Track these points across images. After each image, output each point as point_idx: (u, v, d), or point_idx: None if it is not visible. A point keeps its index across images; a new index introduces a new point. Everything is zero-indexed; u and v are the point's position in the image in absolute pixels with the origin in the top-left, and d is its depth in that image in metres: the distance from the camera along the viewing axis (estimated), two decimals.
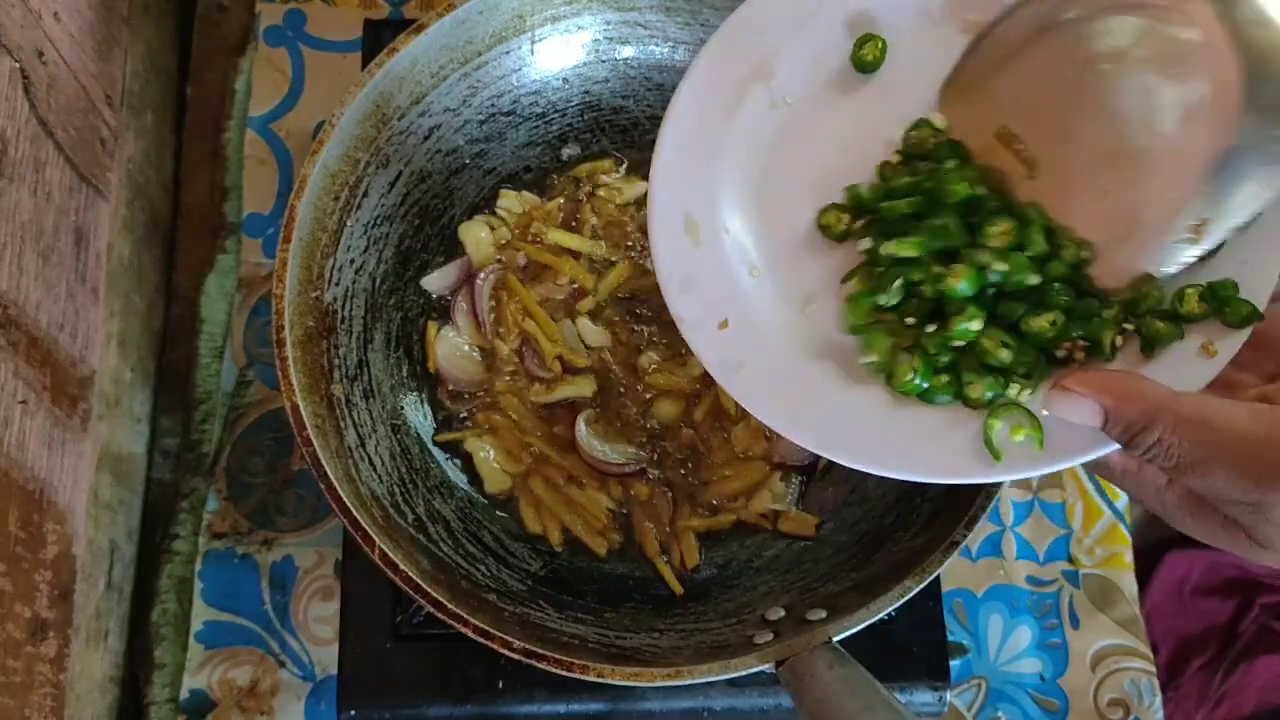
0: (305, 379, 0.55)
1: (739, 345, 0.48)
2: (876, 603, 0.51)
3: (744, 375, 0.47)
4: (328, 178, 0.58)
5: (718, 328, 0.48)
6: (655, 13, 0.65)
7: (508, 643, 0.50)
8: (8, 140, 0.53)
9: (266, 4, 0.78)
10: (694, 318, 0.48)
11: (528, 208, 0.69)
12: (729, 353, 0.47)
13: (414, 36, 0.59)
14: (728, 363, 0.47)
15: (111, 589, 0.65)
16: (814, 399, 0.46)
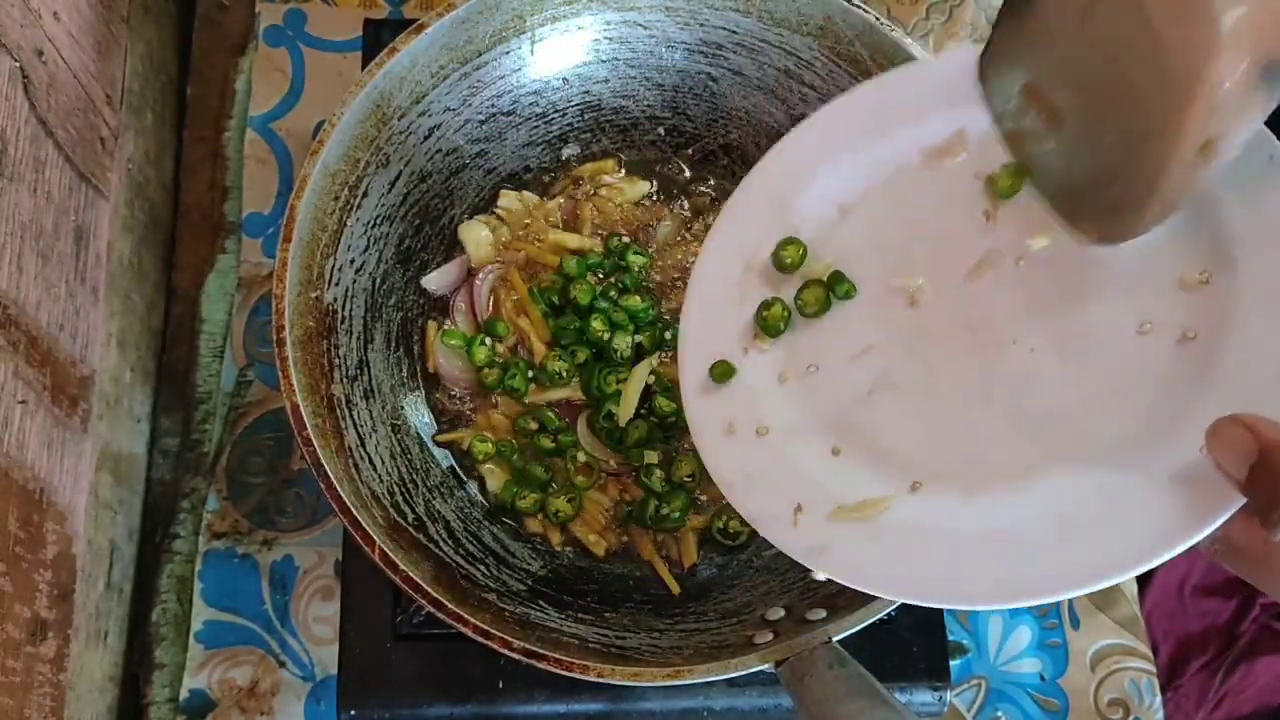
0: (305, 379, 0.55)
1: (821, 526, 0.46)
2: (877, 602, 0.51)
3: (834, 554, 0.45)
4: (328, 177, 0.58)
5: (793, 514, 0.46)
6: (655, 13, 0.65)
7: (508, 642, 0.50)
8: (8, 140, 0.53)
9: (267, 4, 0.78)
10: (766, 513, 0.47)
11: (528, 208, 0.70)
12: (812, 538, 0.45)
13: (414, 36, 0.59)
14: (814, 549, 0.45)
15: (111, 589, 0.65)
16: (922, 550, 0.44)
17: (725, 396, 0.51)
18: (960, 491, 0.44)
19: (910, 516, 0.45)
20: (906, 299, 0.49)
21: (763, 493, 0.47)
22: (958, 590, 0.42)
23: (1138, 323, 0.44)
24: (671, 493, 0.63)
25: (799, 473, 0.48)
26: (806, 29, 0.63)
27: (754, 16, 0.64)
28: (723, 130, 0.70)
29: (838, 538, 0.45)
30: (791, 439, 0.49)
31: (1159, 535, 0.39)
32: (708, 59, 0.67)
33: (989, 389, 0.46)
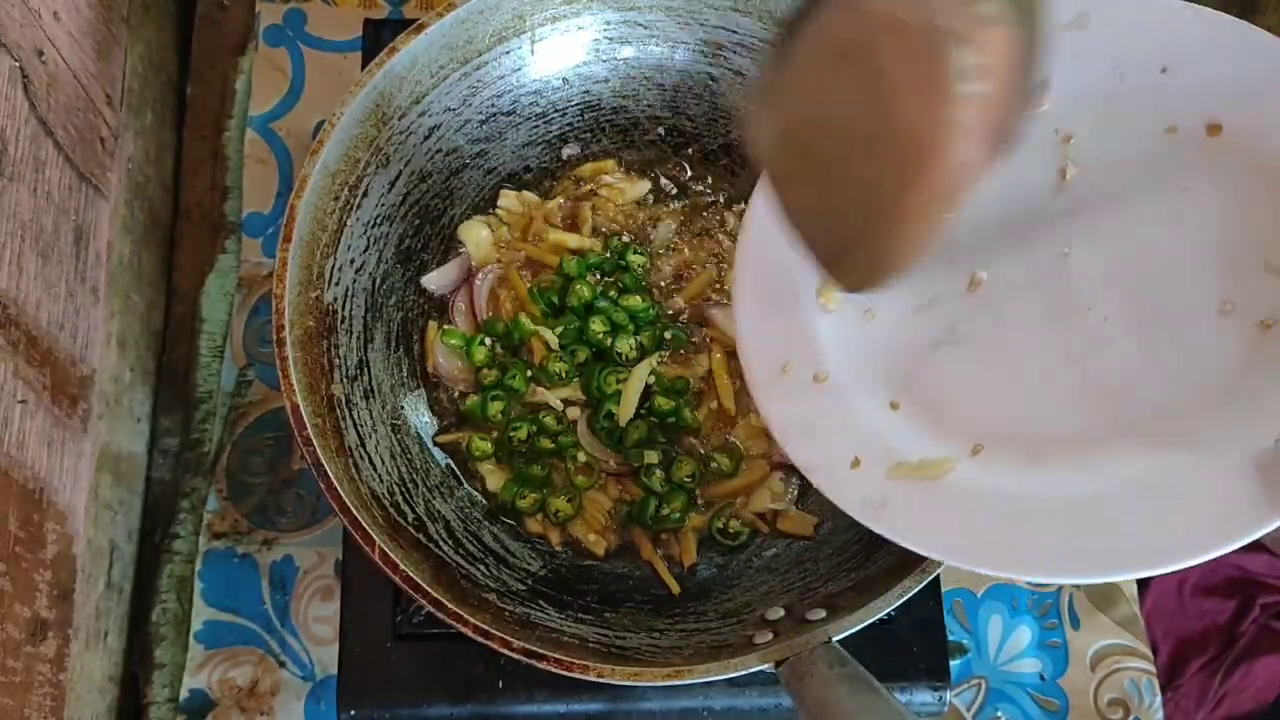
0: (305, 379, 0.55)
1: (878, 480, 0.45)
2: (876, 602, 0.51)
3: (891, 510, 0.44)
4: (328, 177, 0.58)
5: (849, 468, 0.45)
6: (655, 13, 0.65)
7: (508, 642, 0.50)
8: (8, 140, 0.53)
9: (267, 3, 0.78)
10: (821, 463, 0.46)
11: (528, 207, 0.70)
12: (869, 491, 0.44)
13: (414, 36, 0.59)
14: (870, 502, 0.44)
15: (111, 589, 0.65)
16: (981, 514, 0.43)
17: (782, 335, 0.49)
18: (1023, 459, 0.43)
19: (970, 480, 0.43)
20: (977, 254, 0.48)
21: (818, 441, 0.46)
22: (1013, 560, 0.41)
23: (1219, 301, 0.43)
24: (671, 493, 0.63)
25: (857, 424, 0.46)
26: None
27: (754, 16, 0.64)
28: (723, 130, 0.70)
29: (895, 494, 0.44)
30: (850, 388, 0.47)
31: (1227, 522, 0.38)
32: (708, 59, 0.67)
33: (1060, 354, 0.45)
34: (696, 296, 0.68)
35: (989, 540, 0.42)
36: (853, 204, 0.42)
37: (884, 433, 0.46)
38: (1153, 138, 0.46)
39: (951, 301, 0.47)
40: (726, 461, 0.64)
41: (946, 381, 0.46)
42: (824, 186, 0.44)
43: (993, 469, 0.43)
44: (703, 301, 0.68)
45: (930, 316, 0.47)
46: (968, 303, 0.47)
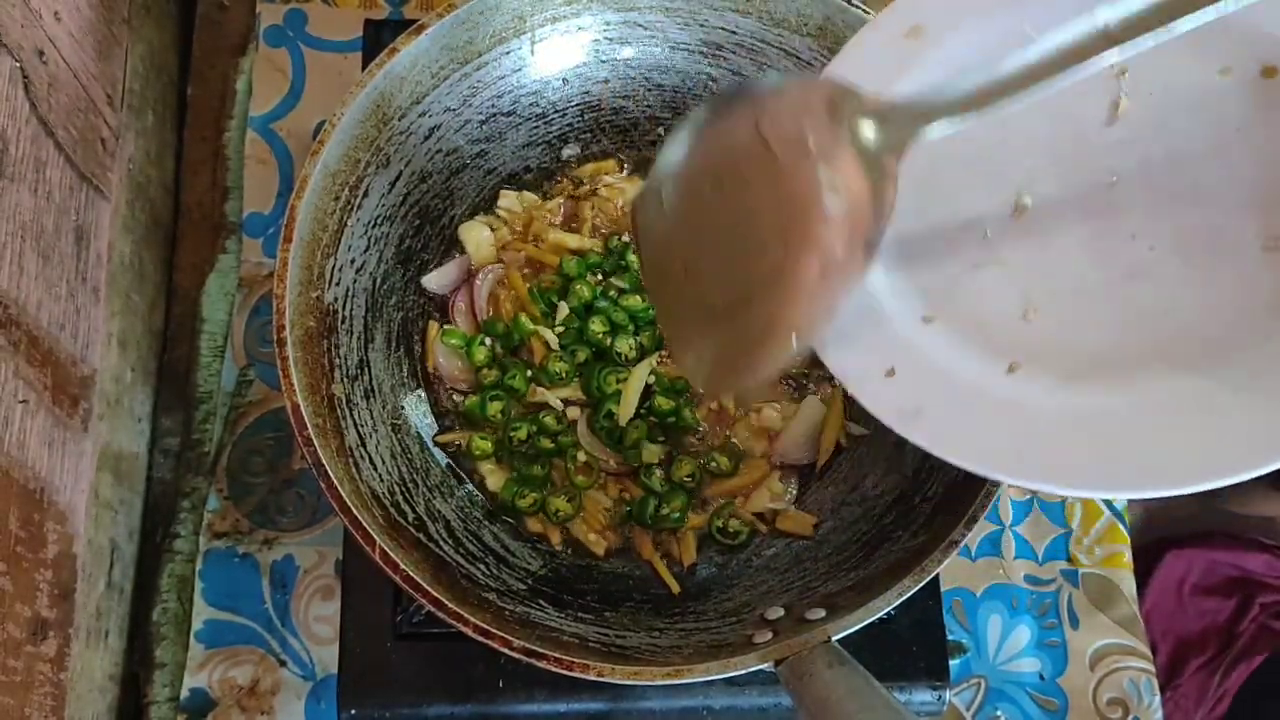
0: (306, 379, 0.55)
1: (913, 390, 0.44)
2: (876, 602, 0.51)
3: (927, 420, 0.43)
4: (328, 178, 0.58)
5: (884, 376, 0.45)
6: (655, 13, 0.65)
7: (508, 641, 0.50)
8: (8, 140, 0.53)
9: (267, 4, 0.78)
10: (857, 370, 0.45)
11: (528, 208, 0.70)
12: (904, 400, 0.44)
13: (414, 37, 0.59)
14: (905, 411, 0.44)
15: (112, 588, 0.65)
16: (1015, 427, 0.43)
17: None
18: (1060, 377, 0.43)
19: (1006, 394, 0.44)
20: (1019, 179, 0.48)
21: (854, 349, 0.45)
22: (1047, 471, 0.41)
23: (1265, 238, 0.43)
24: (671, 492, 0.63)
25: (893, 333, 0.46)
26: (806, 29, 0.63)
27: (754, 17, 0.64)
28: None
29: (930, 404, 0.44)
30: (886, 296, 0.47)
31: (1261, 444, 0.39)
32: (708, 59, 0.67)
33: (1102, 278, 0.45)
34: None
35: (1024, 452, 0.42)
36: (716, 311, 0.44)
37: (919, 344, 0.46)
38: (1207, 77, 0.47)
39: (996, 223, 0.48)
40: (726, 461, 0.64)
41: (985, 300, 0.46)
42: (688, 289, 0.45)
43: (1029, 385, 0.44)
44: None
45: (972, 235, 0.48)
46: (1011, 226, 0.48)
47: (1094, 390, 0.43)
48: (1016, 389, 0.44)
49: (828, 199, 0.39)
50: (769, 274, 0.40)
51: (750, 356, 0.43)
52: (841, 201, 0.39)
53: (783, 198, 0.40)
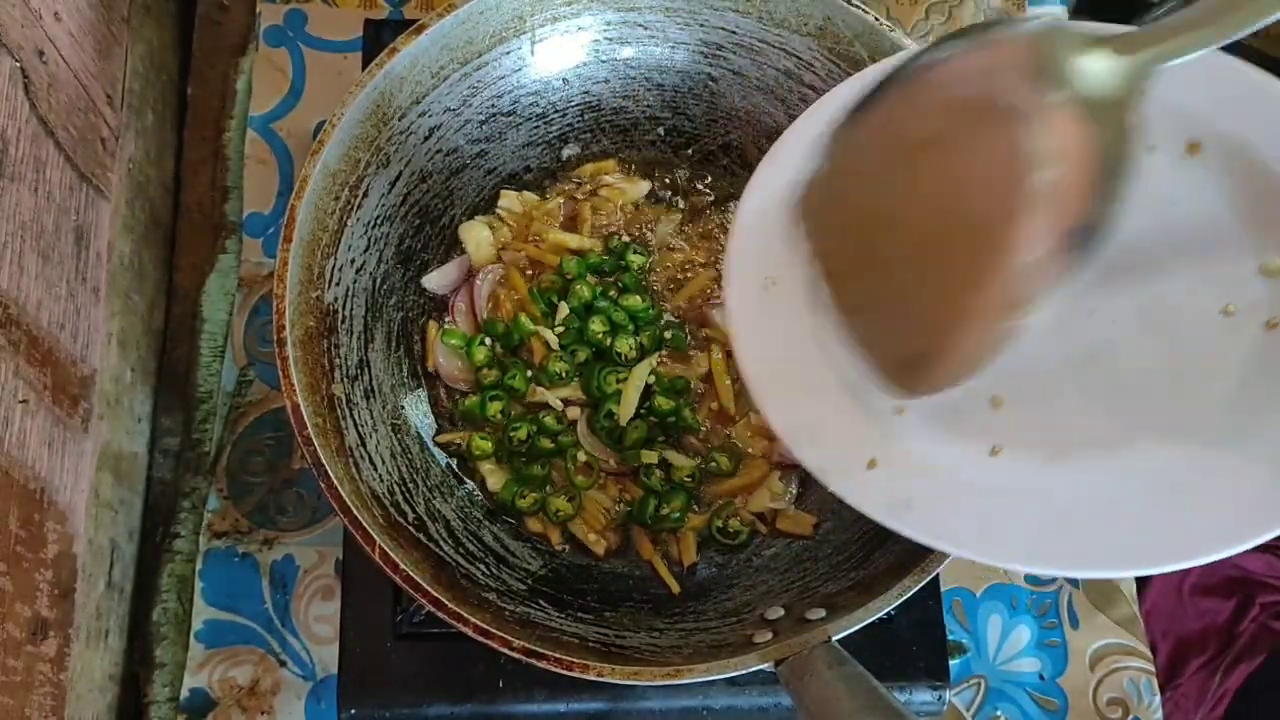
0: (306, 378, 0.55)
1: (900, 480, 0.43)
2: (876, 602, 0.51)
3: (918, 511, 0.42)
4: (328, 178, 0.58)
5: (866, 469, 0.43)
6: (655, 13, 0.65)
7: (508, 641, 0.50)
8: (8, 140, 0.53)
9: (267, 4, 0.78)
10: (836, 465, 0.43)
11: (528, 208, 0.70)
12: (892, 492, 0.43)
13: (414, 37, 0.59)
14: (895, 503, 0.42)
15: (112, 588, 0.65)
16: (1009, 512, 0.42)
17: (780, 337, 0.47)
18: (1043, 458, 0.43)
19: (993, 479, 0.43)
20: None
21: (829, 444, 0.44)
22: (1043, 555, 0.40)
23: (1221, 304, 0.44)
24: (671, 492, 0.63)
25: (867, 425, 0.45)
26: (806, 29, 0.63)
27: (754, 17, 0.64)
28: (723, 130, 0.70)
29: (919, 494, 0.42)
30: (854, 389, 0.45)
31: (1250, 516, 0.38)
32: (708, 59, 0.67)
33: (1070, 356, 0.45)
34: (696, 296, 0.68)
35: (1017, 536, 0.41)
36: (915, 300, 0.41)
37: (896, 433, 0.45)
38: (1176, 152, 0.47)
39: None
40: (726, 461, 0.64)
41: (956, 389, 0.45)
42: (882, 285, 0.43)
43: (1014, 468, 0.43)
44: (702, 301, 0.68)
45: None
46: None
47: (1082, 469, 0.42)
48: (1003, 473, 0.43)
49: (1035, 175, 0.34)
50: (966, 259, 0.37)
51: (965, 343, 0.39)
52: (1055, 172, 0.34)
53: (983, 173, 0.36)
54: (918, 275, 0.41)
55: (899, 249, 0.42)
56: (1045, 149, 0.34)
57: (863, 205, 0.43)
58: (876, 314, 0.44)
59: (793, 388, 0.46)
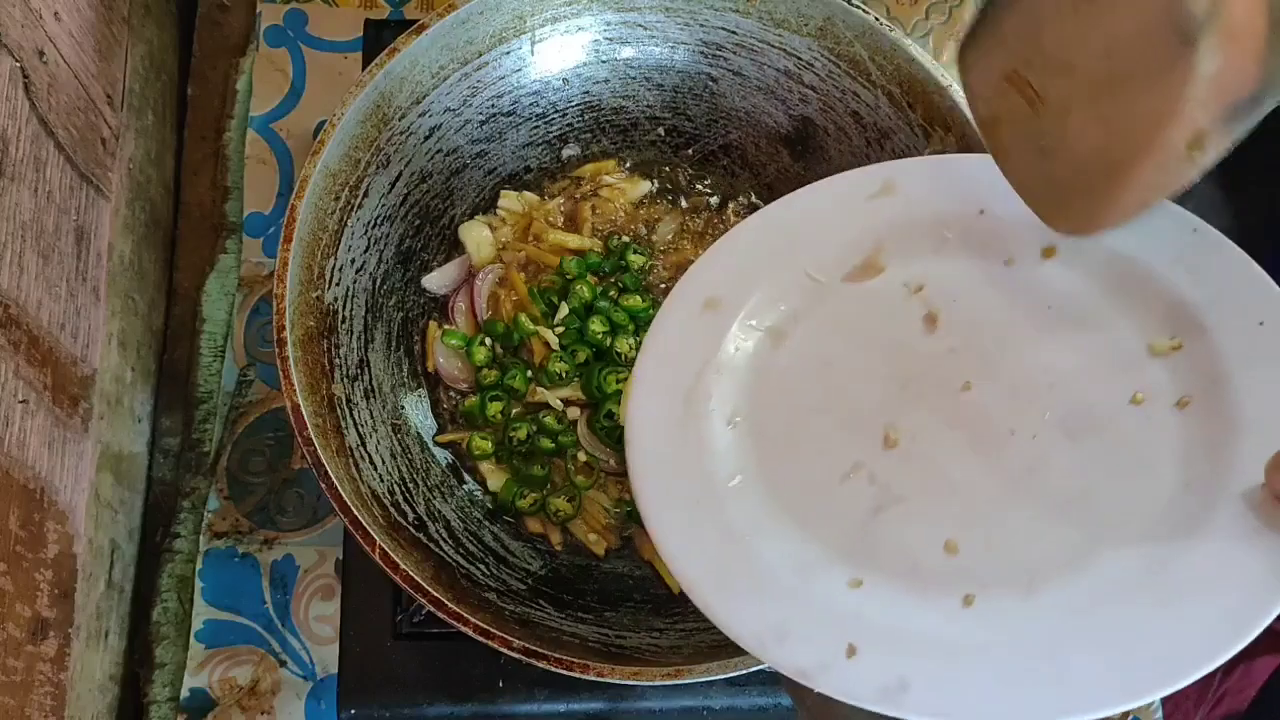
0: (306, 379, 0.55)
1: (888, 662, 0.40)
2: None
3: (915, 690, 0.39)
4: (328, 178, 0.58)
5: (847, 658, 0.40)
6: (655, 13, 0.65)
7: (508, 641, 0.50)
8: (8, 140, 0.53)
9: (267, 4, 0.78)
10: (815, 663, 0.40)
11: (528, 208, 0.70)
12: (883, 677, 0.39)
13: (414, 37, 0.59)
14: (889, 688, 0.39)
15: (112, 588, 0.65)
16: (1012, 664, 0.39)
17: (713, 544, 0.45)
18: (1020, 593, 0.41)
19: (980, 631, 0.40)
20: (877, 414, 0.46)
21: (799, 642, 0.41)
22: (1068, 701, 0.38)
23: (1129, 395, 0.43)
24: None
25: (829, 612, 0.42)
26: (806, 30, 0.63)
27: (754, 17, 0.64)
28: (723, 130, 0.70)
29: (913, 672, 0.39)
30: (806, 577, 0.43)
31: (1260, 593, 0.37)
32: (708, 59, 0.67)
33: (1006, 482, 0.44)
34: None
35: (1026, 691, 0.39)
36: (1085, 136, 0.41)
37: (863, 612, 0.42)
38: (996, 270, 0.48)
39: (874, 463, 0.45)
40: None
41: (904, 542, 0.43)
42: (1053, 121, 0.43)
43: (994, 614, 0.41)
44: None
45: (859, 483, 0.45)
46: (891, 460, 0.45)
47: (1060, 596, 0.40)
48: (985, 622, 0.40)
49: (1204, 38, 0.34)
50: (1140, 116, 0.37)
51: (1121, 194, 0.40)
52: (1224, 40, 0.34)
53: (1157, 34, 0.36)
54: (1079, 125, 0.41)
55: (1059, 98, 0.42)
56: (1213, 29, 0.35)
57: (1027, 51, 0.43)
58: (1035, 157, 0.44)
59: (742, 589, 0.43)
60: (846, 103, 0.64)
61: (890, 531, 0.44)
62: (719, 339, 0.49)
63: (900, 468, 0.45)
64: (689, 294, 0.50)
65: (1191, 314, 0.44)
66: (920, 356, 0.47)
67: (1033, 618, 0.40)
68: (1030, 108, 0.44)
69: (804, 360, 0.49)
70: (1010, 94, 0.44)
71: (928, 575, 0.42)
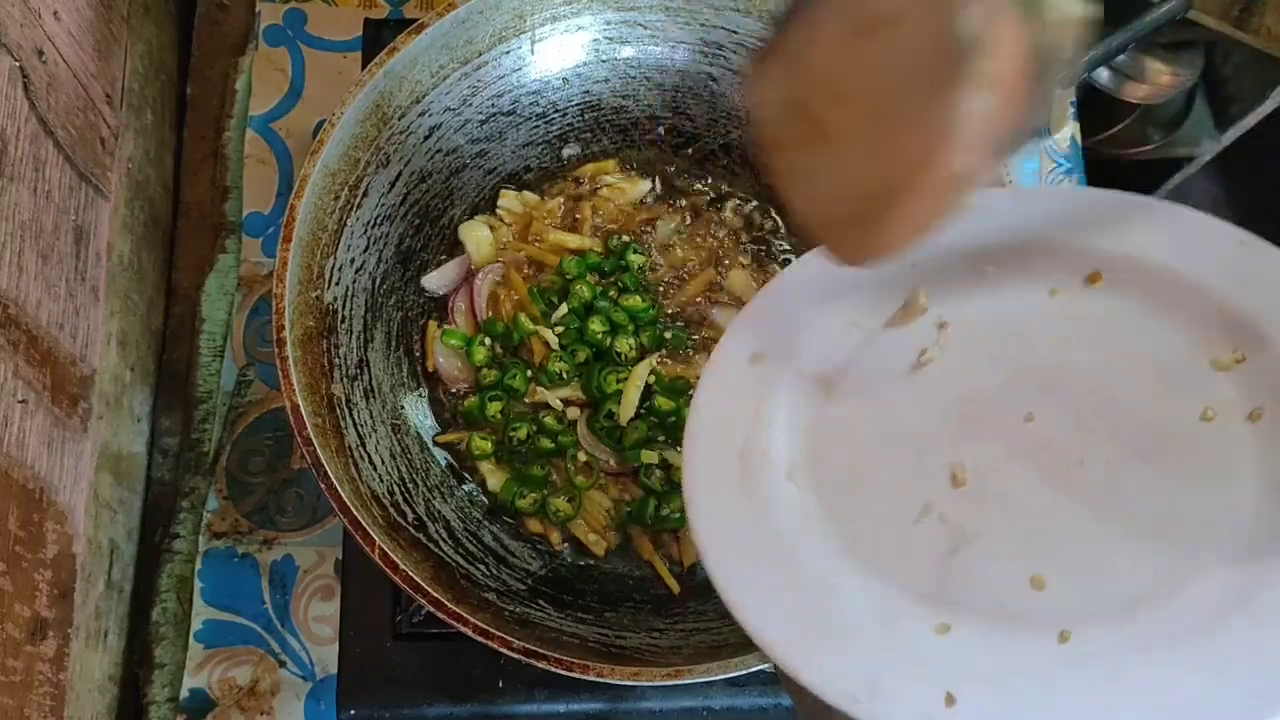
0: (305, 378, 0.55)
1: (992, 710, 0.38)
2: None
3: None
4: (328, 177, 0.58)
5: (946, 708, 0.39)
6: (655, 13, 0.65)
7: (508, 642, 0.50)
8: (8, 139, 0.53)
9: (267, 3, 0.78)
10: (916, 716, 0.38)
11: (528, 207, 0.70)
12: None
13: (414, 36, 0.59)
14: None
15: (111, 588, 0.65)
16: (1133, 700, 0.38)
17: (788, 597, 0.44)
18: (1114, 623, 0.39)
19: (1080, 672, 0.39)
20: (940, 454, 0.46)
21: (894, 699, 0.39)
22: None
23: (1199, 411, 0.43)
24: (671, 492, 0.63)
25: (923, 663, 0.40)
26: None
27: (754, 16, 0.64)
28: (723, 130, 0.70)
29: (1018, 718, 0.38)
30: (891, 627, 0.41)
31: None
32: (708, 59, 0.67)
33: (1083, 510, 0.43)
34: (696, 296, 0.68)
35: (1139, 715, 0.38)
36: (851, 176, 0.42)
37: (957, 658, 0.40)
38: (1041, 300, 0.48)
39: (944, 504, 0.44)
40: None
41: (987, 581, 0.42)
42: (823, 154, 0.43)
43: (1094, 645, 0.39)
44: (702, 301, 0.68)
45: (930, 525, 0.44)
46: (961, 499, 0.45)
47: (1158, 618, 0.39)
48: (1086, 658, 0.39)
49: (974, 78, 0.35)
50: (912, 149, 0.38)
51: (897, 223, 0.41)
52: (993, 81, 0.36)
53: (930, 69, 0.37)
54: (857, 152, 0.42)
55: (839, 123, 0.42)
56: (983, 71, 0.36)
57: (810, 76, 0.43)
58: (816, 183, 0.44)
59: (827, 646, 0.41)
60: None
61: (971, 571, 0.42)
62: (769, 393, 0.48)
63: (972, 506, 0.44)
64: (733, 349, 0.50)
65: (1250, 326, 0.44)
66: (976, 393, 0.47)
67: (1134, 646, 0.39)
68: (809, 136, 0.43)
69: (857, 408, 0.48)
70: (792, 120, 0.44)
71: (1017, 613, 0.41)
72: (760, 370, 0.49)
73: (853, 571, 0.43)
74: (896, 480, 0.46)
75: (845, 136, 0.42)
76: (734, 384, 0.49)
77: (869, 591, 0.43)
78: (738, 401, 0.48)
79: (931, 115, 0.37)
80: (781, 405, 0.48)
